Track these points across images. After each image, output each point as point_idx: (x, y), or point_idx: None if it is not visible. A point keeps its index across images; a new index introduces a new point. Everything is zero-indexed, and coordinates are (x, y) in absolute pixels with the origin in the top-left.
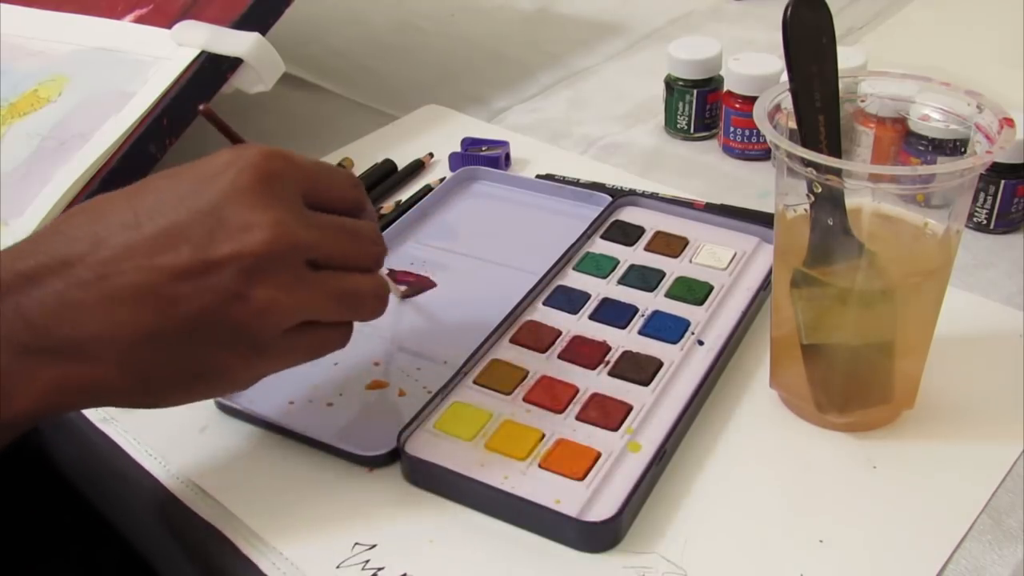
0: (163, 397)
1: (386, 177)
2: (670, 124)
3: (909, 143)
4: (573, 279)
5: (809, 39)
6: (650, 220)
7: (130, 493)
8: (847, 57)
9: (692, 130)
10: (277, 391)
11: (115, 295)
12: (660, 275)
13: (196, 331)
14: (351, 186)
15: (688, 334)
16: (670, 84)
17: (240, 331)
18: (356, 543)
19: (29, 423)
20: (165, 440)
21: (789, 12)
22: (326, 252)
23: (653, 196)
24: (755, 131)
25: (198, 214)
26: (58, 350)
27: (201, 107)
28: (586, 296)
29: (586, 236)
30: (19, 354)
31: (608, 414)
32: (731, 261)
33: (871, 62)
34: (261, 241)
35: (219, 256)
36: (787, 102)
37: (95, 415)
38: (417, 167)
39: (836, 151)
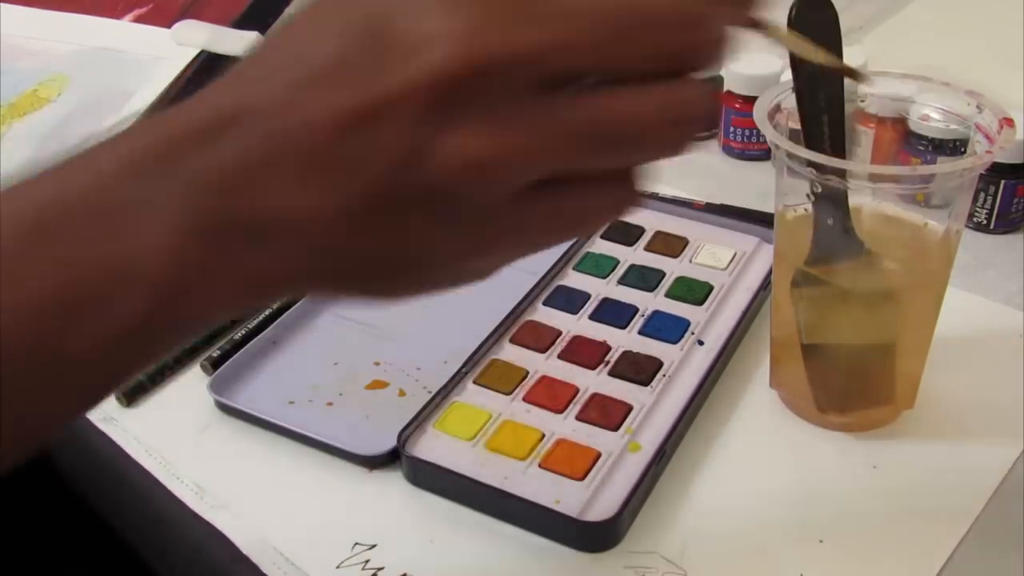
0: (360, 287)
1: None
2: None
3: (909, 143)
4: (573, 279)
5: (813, 39)
6: (650, 220)
7: (130, 493)
8: (847, 57)
9: None
10: (277, 391)
11: (291, 159)
12: (660, 275)
13: (386, 203)
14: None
15: (688, 334)
16: None
17: (443, 199)
18: (356, 543)
19: (213, 320)
20: (165, 440)
21: (794, 12)
22: (570, 59)
23: (653, 196)
24: (755, 131)
25: (369, 35)
26: (244, 228)
27: None
28: (586, 296)
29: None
30: (202, 232)
31: (608, 414)
32: (731, 261)
33: (871, 62)
34: (444, 61)
35: (388, 90)
36: (787, 102)
37: (96, 415)
38: None
39: (840, 151)
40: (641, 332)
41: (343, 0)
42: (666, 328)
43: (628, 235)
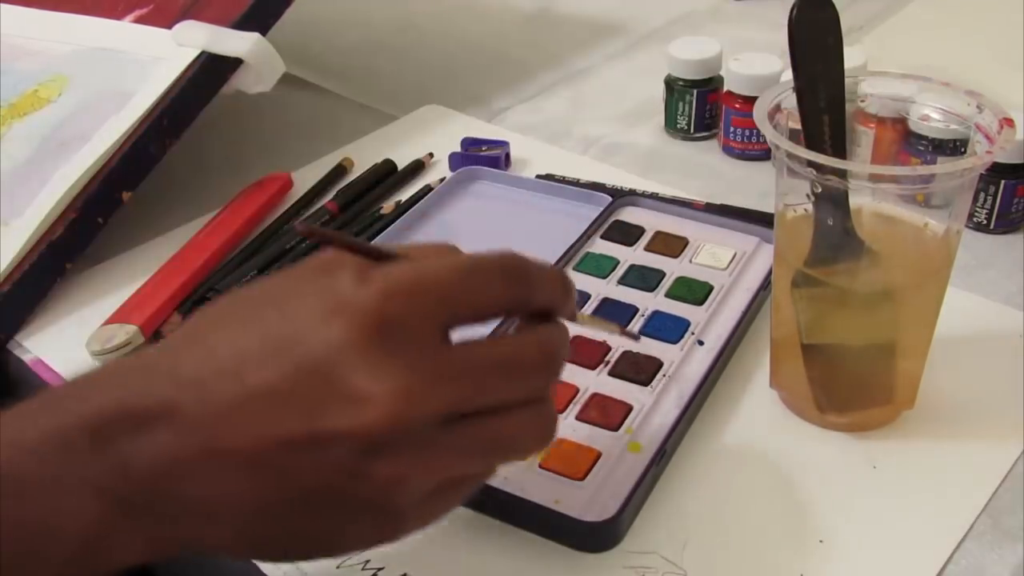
0: (287, 559)
1: (386, 177)
2: (670, 124)
3: (909, 143)
4: (573, 279)
5: (814, 39)
6: (650, 220)
7: None
8: (847, 57)
9: (692, 130)
10: None
11: (220, 459)
12: (660, 275)
13: (315, 505)
14: (506, 280)
15: (688, 334)
16: (670, 84)
17: (366, 506)
18: None
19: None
20: None
21: (794, 13)
22: (471, 405)
23: (653, 196)
24: (755, 131)
25: (304, 372)
26: (163, 509)
27: (298, 226)
28: (586, 296)
29: (586, 236)
30: (120, 509)
31: (608, 414)
32: (731, 261)
33: (871, 62)
34: (377, 417)
35: (329, 431)
36: (787, 102)
37: None
38: (417, 167)
39: (841, 151)
40: (641, 332)
41: (267, 320)
42: (666, 328)
43: (628, 235)
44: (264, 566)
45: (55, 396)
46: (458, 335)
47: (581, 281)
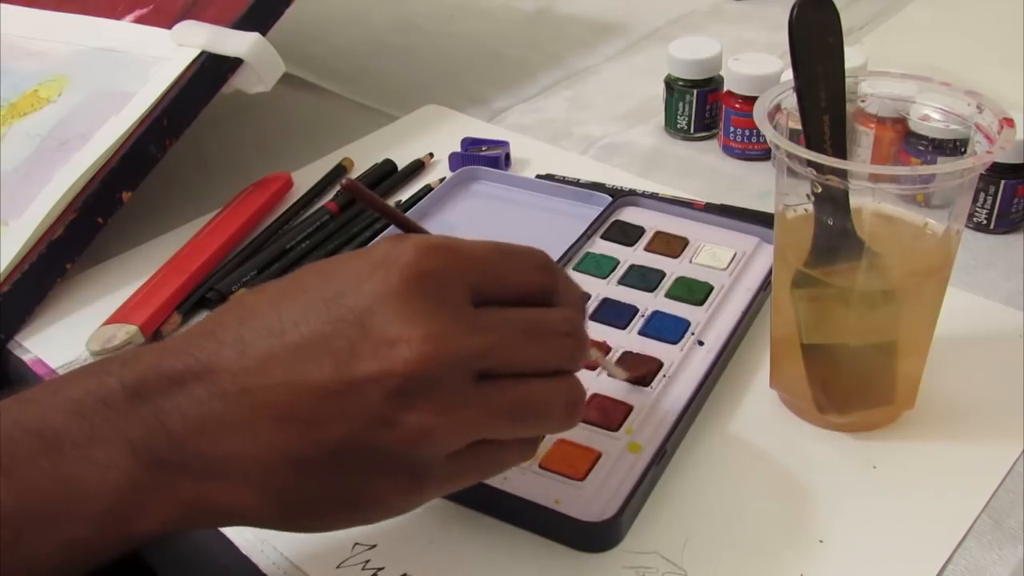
0: (309, 525)
1: (386, 177)
2: (670, 124)
3: (909, 143)
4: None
5: (815, 39)
6: (650, 220)
7: None
8: (847, 57)
9: (692, 130)
10: None
11: (256, 411)
12: (660, 275)
13: (343, 457)
14: (537, 268)
15: (688, 334)
16: (670, 84)
17: (393, 458)
18: (356, 543)
19: (158, 539)
20: None
21: (795, 13)
22: (498, 360)
23: (653, 196)
24: (755, 131)
25: (342, 323)
26: (196, 467)
27: (344, 181)
28: (586, 296)
29: (586, 236)
30: (154, 467)
31: (608, 414)
32: (731, 261)
33: (871, 62)
34: (409, 359)
35: (360, 376)
36: (787, 102)
37: None
38: (417, 167)
39: (841, 151)
40: (641, 332)
41: (310, 287)
42: (666, 328)
43: (628, 235)
44: (265, 566)
45: (99, 363)
46: None
47: (581, 281)
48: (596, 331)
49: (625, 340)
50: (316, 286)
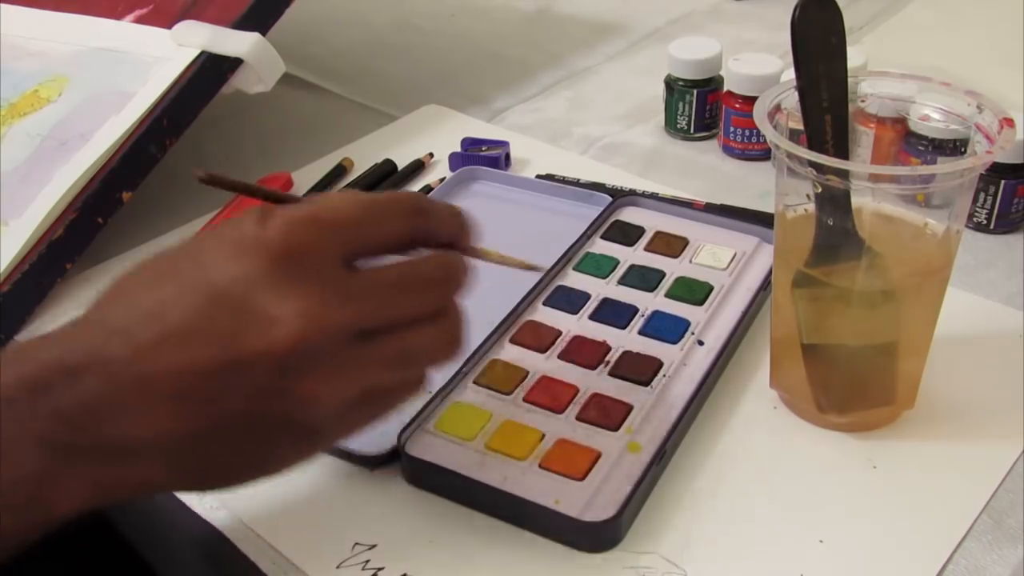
0: (218, 486)
1: (386, 177)
2: (670, 124)
3: (909, 143)
4: (573, 279)
5: (817, 38)
6: (650, 220)
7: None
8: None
9: (692, 130)
10: None
11: (151, 395)
12: (660, 275)
13: (240, 428)
14: (406, 213)
15: (688, 334)
16: (670, 84)
17: (288, 423)
18: (356, 543)
19: (74, 517)
20: None
21: (797, 13)
22: (374, 321)
23: (653, 196)
24: (755, 131)
25: (219, 305)
26: (101, 449)
27: (200, 175)
28: (586, 296)
29: (586, 236)
30: (64, 455)
31: (608, 414)
32: (731, 261)
33: (871, 62)
34: (287, 337)
35: (245, 354)
36: (787, 102)
37: None
38: (417, 167)
39: (843, 151)
40: (641, 332)
41: (182, 271)
42: (666, 328)
43: (628, 235)
44: (264, 566)
45: None
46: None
47: (581, 281)
48: (596, 331)
49: (625, 340)
50: (188, 270)
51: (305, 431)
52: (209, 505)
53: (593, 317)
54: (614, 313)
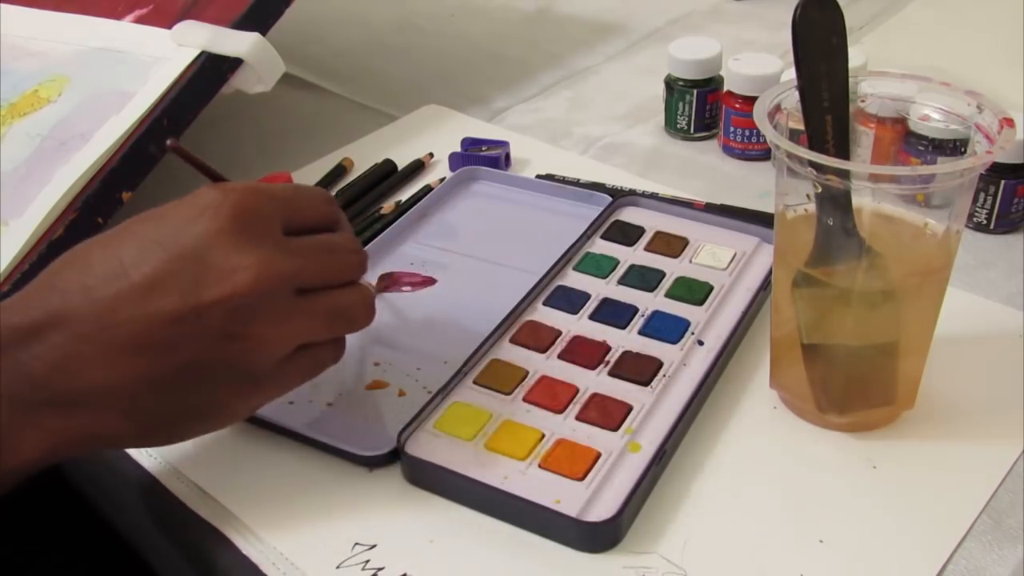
0: (166, 437)
1: (386, 177)
2: (670, 124)
3: (909, 143)
4: (573, 279)
5: (818, 39)
6: (650, 220)
7: (131, 493)
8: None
9: (692, 130)
10: None
11: (114, 346)
12: (660, 275)
13: (195, 372)
14: (324, 202)
15: (688, 334)
16: (670, 84)
17: (237, 367)
18: (356, 543)
19: (34, 471)
20: None
21: (798, 13)
22: (310, 275)
23: (653, 196)
24: (755, 131)
25: (182, 259)
26: (61, 402)
27: (169, 142)
28: (586, 296)
29: (586, 236)
30: (21, 408)
31: (608, 414)
32: (731, 261)
33: (871, 62)
34: (246, 282)
35: (208, 300)
36: (787, 102)
37: None
38: (417, 167)
39: (844, 151)
40: (641, 332)
41: (140, 233)
42: (666, 328)
43: (628, 235)
44: (265, 566)
45: None
46: None
47: (581, 281)
48: (596, 331)
49: (625, 340)
50: (148, 232)
51: (249, 377)
52: (210, 505)
53: (593, 317)
54: (614, 313)
